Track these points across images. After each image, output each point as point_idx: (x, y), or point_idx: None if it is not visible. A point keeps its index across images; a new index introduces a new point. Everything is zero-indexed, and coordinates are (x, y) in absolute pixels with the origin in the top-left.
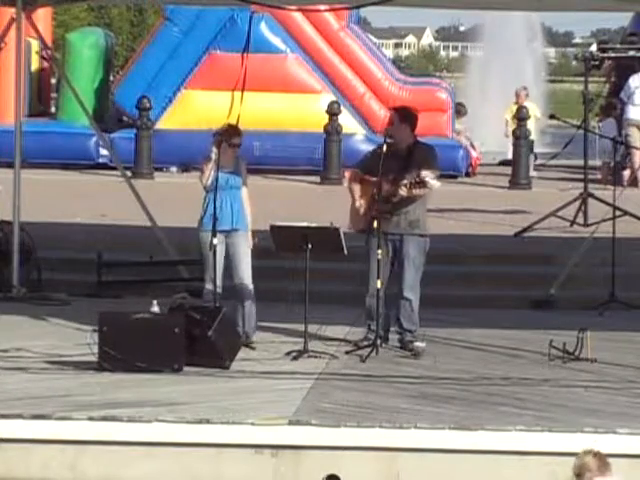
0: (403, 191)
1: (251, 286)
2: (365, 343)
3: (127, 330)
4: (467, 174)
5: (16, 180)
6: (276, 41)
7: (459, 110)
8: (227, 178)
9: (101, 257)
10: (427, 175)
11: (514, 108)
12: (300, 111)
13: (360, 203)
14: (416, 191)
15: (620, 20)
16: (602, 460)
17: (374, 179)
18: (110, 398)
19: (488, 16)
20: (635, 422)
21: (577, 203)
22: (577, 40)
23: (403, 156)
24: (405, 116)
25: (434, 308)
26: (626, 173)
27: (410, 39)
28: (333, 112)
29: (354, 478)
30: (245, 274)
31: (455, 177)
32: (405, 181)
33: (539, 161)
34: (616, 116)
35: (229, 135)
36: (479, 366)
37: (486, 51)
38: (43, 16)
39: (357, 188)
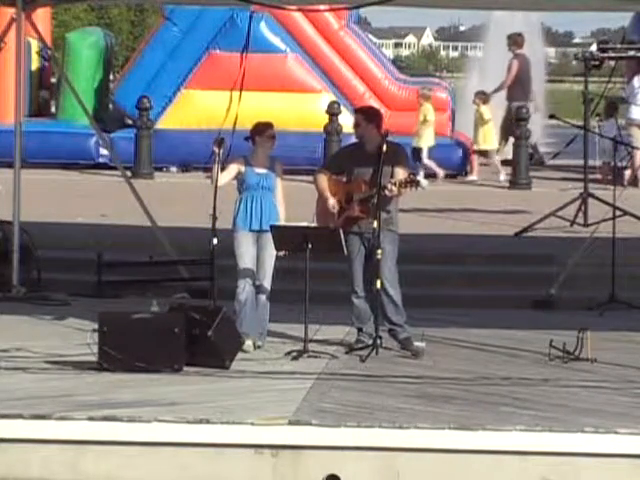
0: (393, 190)
1: (269, 290)
2: (360, 345)
3: (127, 330)
4: (466, 173)
5: (16, 180)
6: (276, 41)
7: (484, 100)
8: (259, 179)
9: (101, 257)
10: (403, 175)
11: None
12: (300, 111)
13: (333, 202)
14: (405, 190)
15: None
16: None
17: (344, 179)
18: (110, 398)
19: (488, 16)
20: (635, 422)
21: (577, 203)
22: (577, 40)
23: (374, 156)
24: (371, 116)
25: (434, 308)
26: (627, 173)
27: (410, 39)
28: (333, 112)
29: (354, 478)
30: (267, 274)
31: (455, 177)
32: (393, 180)
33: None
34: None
35: (260, 131)
36: (479, 366)
37: (486, 51)
38: (43, 16)
39: (326, 187)
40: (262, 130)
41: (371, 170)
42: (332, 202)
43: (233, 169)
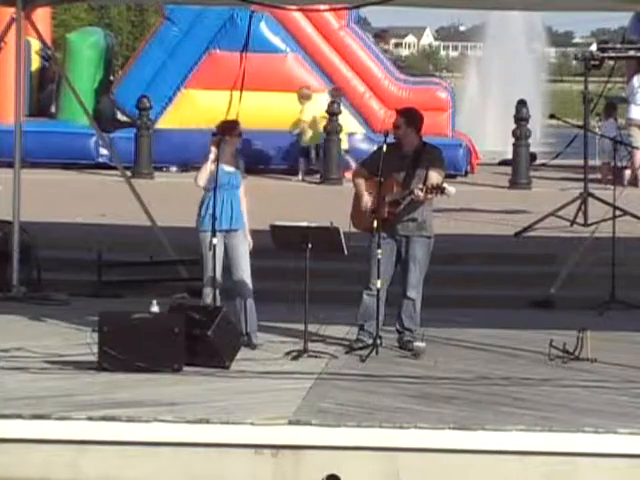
0: (419, 195)
1: (250, 285)
2: (360, 345)
3: (127, 330)
4: (466, 173)
5: (16, 180)
6: (276, 40)
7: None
8: (228, 177)
9: (101, 257)
10: (435, 179)
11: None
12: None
13: (367, 200)
14: (431, 196)
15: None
16: None
17: (378, 179)
18: (110, 398)
19: (488, 16)
20: (635, 422)
21: (577, 203)
22: (577, 40)
23: (410, 158)
24: (412, 119)
25: (434, 308)
26: (627, 173)
27: (410, 39)
28: (333, 112)
29: (354, 478)
30: (245, 273)
31: (455, 177)
32: (421, 185)
33: (540, 161)
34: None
35: (229, 129)
36: (479, 366)
37: (486, 51)
38: (43, 16)
39: (363, 186)
40: (230, 128)
41: (405, 172)
42: (365, 199)
43: (207, 168)
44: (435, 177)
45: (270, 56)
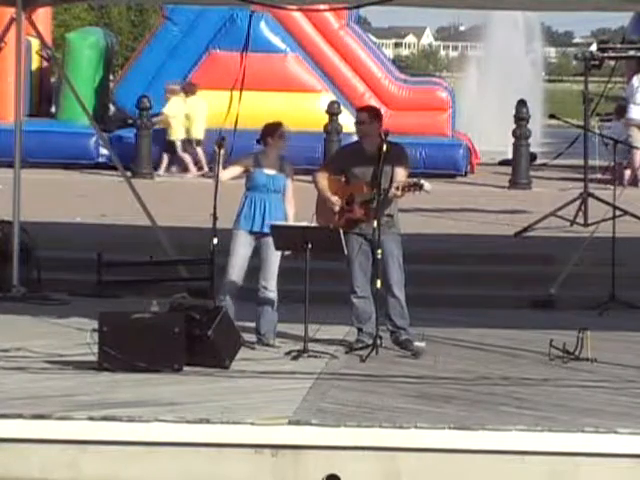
0: (397, 193)
1: (275, 293)
2: (360, 345)
3: (127, 330)
4: (466, 173)
5: (16, 180)
6: (276, 40)
7: None
8: (267, 180)
9: (101, 257)
10: (402, 177)
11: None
12: (300, 111)
13: (336, 199)
14: (408, 193)
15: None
16: None
17: (343, 179)
18: (110, 398)
19: (488, 16)
20: (635, 422)
21: (577, 203)
22: (577, 40)
23: (374, 156)
24: (376, 114)
25: (434, 308)
26: (627, 173)
27: (410, 39)
28: (333, 112)
29: (354, 478)
30: (272, 279)
31: (455, 177)
32: (397, 184)
33: (540, 161)
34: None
35: (272, 130)
36: (479, 366)
37: (486, 51)
38: (43, 16)
39: (327, 187)
40: (274, 130)
41: (371, 170)
42: (335, 199)
43: (240, 167)
44: (402, 174)
45: (270, 56)
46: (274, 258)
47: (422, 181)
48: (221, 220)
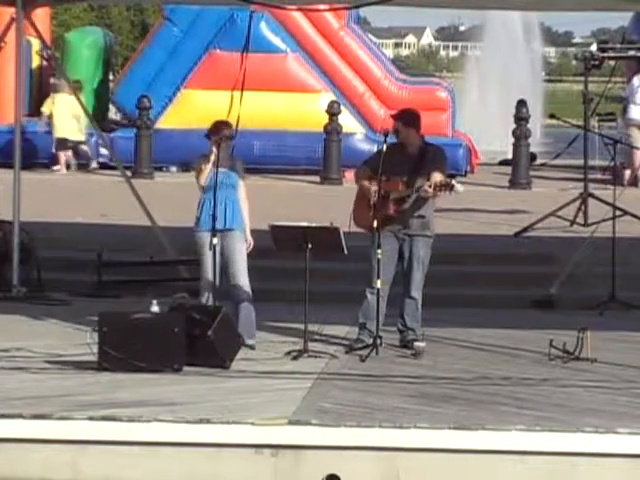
0: (428, 191)
1: (248, 288)
2: (360, 345)
3: (127, 330)
4: (466, 173)
5: (16, 180)
6: (276, 40)
7: None
8: (222, 177)
9: (101, 257)
10: (439, 179)
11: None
12: (300, 111)
13: (375, 189)
14: (440, 193)
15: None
16: None
17: (383, 179)
18: (110, 398)
19: (488, 16)
20: (635, 422)
21: (577, 203)
22: (577, 40)
23: (414, 158)
24: (410, 120)
25: (434, 308)
26: (627, 173)
27: (410, 39)
28: (333, 112)
29: (354, 478)
30: (241, 276)
31: (455, 177)
32: (429, 182)
33: (540, 161)
34: None
35: (218, 130)
36: (479, 366)
37: (486, 51)
38: (43, 16)
39: (366, 180)
40: (219, 130)
41: (410, 170)
42: (373, 189)
43: (203, 167)
44: (438, 176)
45: (270, 56)
46: (239, 253)
47: (454, 182)
48: None
